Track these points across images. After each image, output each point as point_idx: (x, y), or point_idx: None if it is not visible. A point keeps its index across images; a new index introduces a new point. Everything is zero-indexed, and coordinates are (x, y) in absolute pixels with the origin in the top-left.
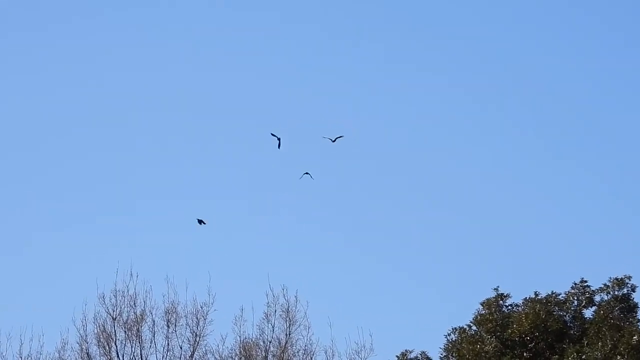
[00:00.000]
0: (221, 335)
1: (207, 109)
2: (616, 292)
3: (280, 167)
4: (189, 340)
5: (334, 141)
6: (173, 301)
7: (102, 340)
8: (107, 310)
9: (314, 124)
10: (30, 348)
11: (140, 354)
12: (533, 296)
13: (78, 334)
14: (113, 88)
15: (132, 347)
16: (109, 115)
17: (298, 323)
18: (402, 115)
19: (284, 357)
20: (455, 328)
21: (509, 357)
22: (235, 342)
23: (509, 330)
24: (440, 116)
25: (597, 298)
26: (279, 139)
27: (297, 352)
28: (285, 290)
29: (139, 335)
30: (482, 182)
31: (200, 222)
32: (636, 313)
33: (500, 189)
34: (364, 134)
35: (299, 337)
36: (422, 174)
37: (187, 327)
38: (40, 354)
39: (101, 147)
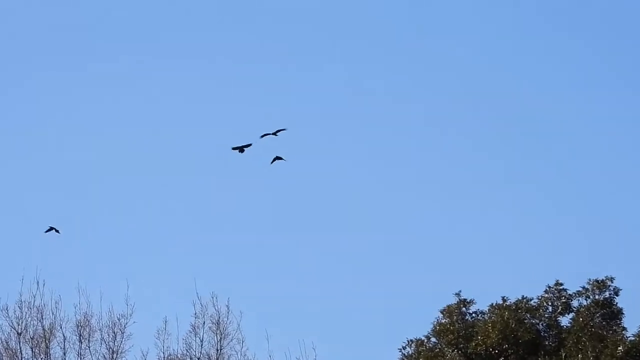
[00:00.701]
0: (142, 351)
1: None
2: (596, 296)
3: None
4: (105, 357)
5: (275, 134)
6: (86, 313)
7: (5, 358)
8: (11, 324)
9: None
10: None
11: None
12: (501, 302)
13: None
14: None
15: None
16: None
17: (230, 336)
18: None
19: None
20: (411, 340)
21: None
22: (158, 358)
23: (474, 342)
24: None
25: (574, 303)
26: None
27: None
28: (214, 298)
29: (47, 352)
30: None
31: (51, 229)
32: (620, 320)
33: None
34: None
35: (232, 352)
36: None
37: (103, 342)
38: None
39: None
